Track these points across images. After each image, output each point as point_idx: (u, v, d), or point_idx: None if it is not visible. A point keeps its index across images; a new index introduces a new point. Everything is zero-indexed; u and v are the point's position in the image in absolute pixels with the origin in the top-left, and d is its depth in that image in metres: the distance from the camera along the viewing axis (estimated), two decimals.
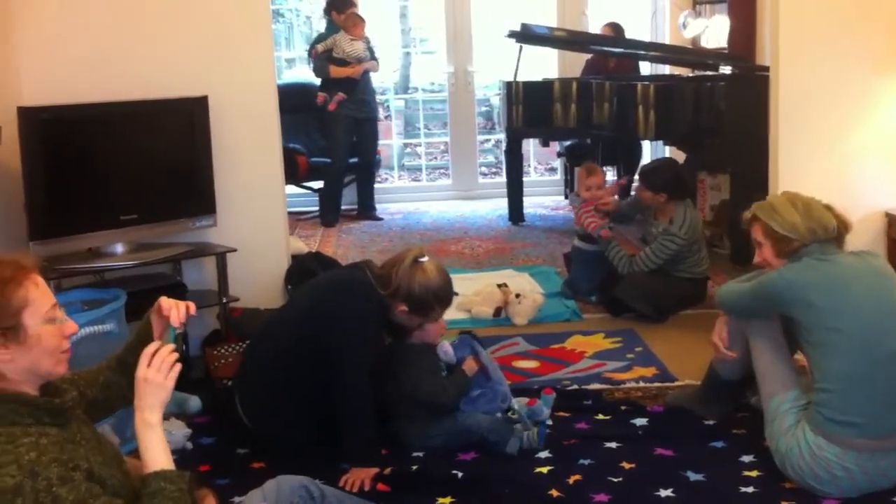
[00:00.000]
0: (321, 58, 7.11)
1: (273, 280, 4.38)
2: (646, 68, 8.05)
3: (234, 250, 4.07)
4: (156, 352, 2.02)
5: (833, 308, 2.77)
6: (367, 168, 7.53)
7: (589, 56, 7.69)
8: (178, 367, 2.03)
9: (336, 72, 7.08)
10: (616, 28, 7.43)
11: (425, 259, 3.18)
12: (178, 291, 4.07)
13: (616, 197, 5.15)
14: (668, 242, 4.65)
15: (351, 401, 3.06)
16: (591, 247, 4.97)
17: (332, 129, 7.25)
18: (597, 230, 4.84)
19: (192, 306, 2.19)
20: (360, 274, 3.23)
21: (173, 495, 1.94)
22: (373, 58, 7.25)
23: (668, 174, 4.82)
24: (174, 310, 2.16)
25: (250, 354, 3.38)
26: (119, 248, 3.91)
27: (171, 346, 2.04)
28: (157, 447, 1.98)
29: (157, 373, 1.99)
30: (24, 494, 1.73)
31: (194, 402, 3.60)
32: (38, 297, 1.94)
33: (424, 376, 3.25)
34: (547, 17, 8.18)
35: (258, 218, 4.30)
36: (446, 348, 3.35)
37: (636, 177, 4.89)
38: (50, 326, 1.95)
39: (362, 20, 7.13)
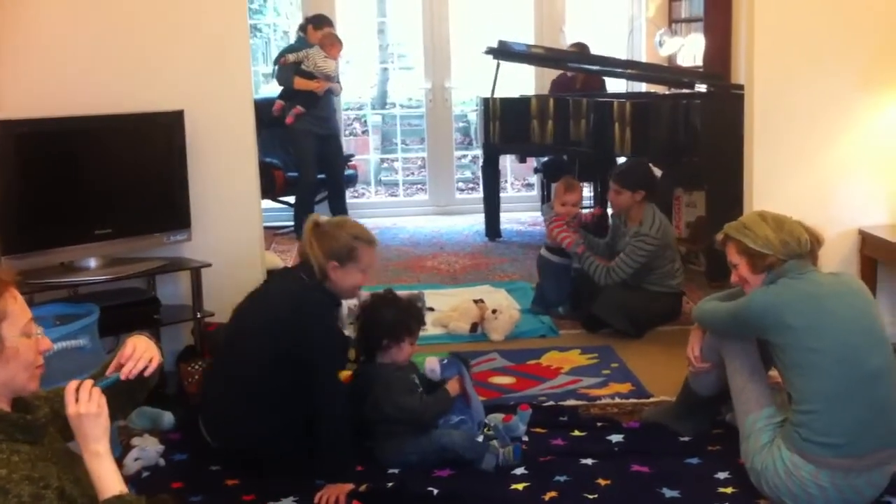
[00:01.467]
0: (289, 67, 7.01)
1: None
2: (621, 86, 8.10)
3: (209, 265, 4.04)
4: (78, 388, 1.99)
5: (810, 328, 2.78)
6: (335, 184, 7.47)
7: (555, 76, 7.73)
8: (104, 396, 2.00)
9: (300, 83, 6.97)
10: (582, 48, 7.46)
11: (321, 219, 3.30)
12: (152, 306, 4.05)
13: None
14: (640, 244, 4.65)
15: (330, 412, 3.04)
16: (559, 258, 4.99)
17: (295, 143, 7.18)
18: (572, 247, 4.85)
19: (151, 368, 2.15)
20: (294, 278, 3.25)
21: None
22: (337, 81, 7.22)
23: (643, 171, 4.88)
24: (130, 363, 2.12)
25: (212, 378, 3.36)
26: (93, 262, 3.88)
27: (91, 381, 2.01)
28: (110, 474, 1.96)
29: (88, 404, 1.96)
30: None
31: (167, 418, 3.57)
32: (17, 311, 1.93)
33: (402, 395, 3.24)
34: (524, 35, 8.22)
35: (234, 233, 4.28)
36: (434, 365, 3.35)
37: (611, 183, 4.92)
38: (27, 340, 1.94)
39: (340, 42, 7.06)
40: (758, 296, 2.91)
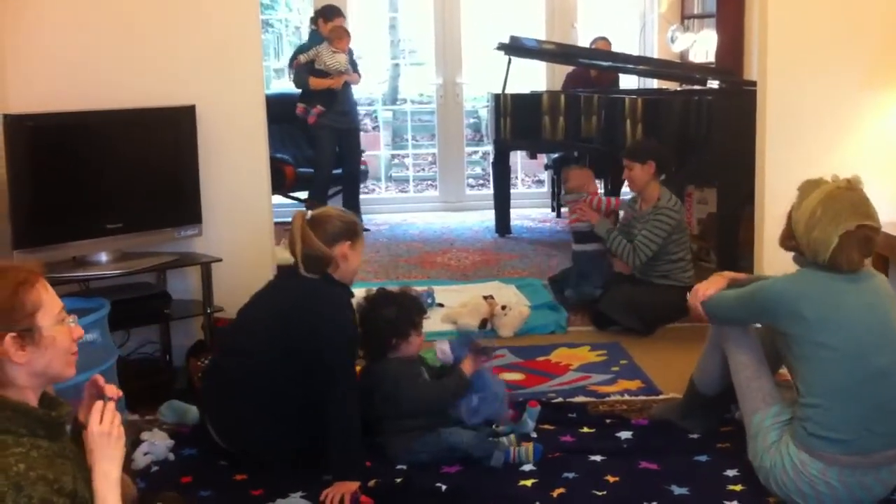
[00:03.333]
0: (302, 68, 7.02)
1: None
2: (633, 82, 8.09)
3: (220, 260, 4.05)
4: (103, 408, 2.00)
5: (822, 321, 2.76)
6: (351, 179, 7.49)
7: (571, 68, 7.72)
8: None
9: (315, 83, 6.98)
10: (605, 43, 7.46)
11: (309, 212, 3.25)
12: (162, 301, 4.06)
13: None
14: (662, 216, 4.66)
15: (343, 409, 3.00)
16: (595, 246, 5.02)
17: (315, 140, 7.22)
18: (599, 225, 4.91)
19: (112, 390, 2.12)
20: (300, 275, 3.18)
21: None
22: (355, 70, 7.21)
23: (650, 143, 4.94)
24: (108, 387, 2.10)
25: (217, 380, 3.29)
26: (104, 256, 3.89)
27: (113, 403, 2.03)
28: (114, 502, 1.94)
29: (112, 426, 1.97)
30: None
31: (194, 413, 3.56)
32: (49, 300, 1.98)
33: (414, 388, 3.22)
34: (536, 30, 8.21)
35: (244, 228, 4.29)
36: (444, 347, 3.34)
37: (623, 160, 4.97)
38: (62, 327, 1.98)
39: (347, 34, 7.05)
40: (776, 281, 2.89)
